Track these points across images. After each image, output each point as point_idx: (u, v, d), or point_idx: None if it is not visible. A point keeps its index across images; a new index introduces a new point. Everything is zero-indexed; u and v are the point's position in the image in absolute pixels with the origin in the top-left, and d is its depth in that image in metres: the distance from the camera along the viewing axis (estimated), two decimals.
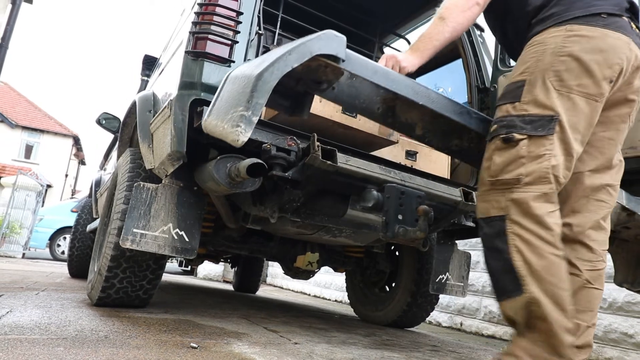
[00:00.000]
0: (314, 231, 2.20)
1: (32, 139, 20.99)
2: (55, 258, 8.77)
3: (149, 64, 3.60)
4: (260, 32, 1.90)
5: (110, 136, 4.09)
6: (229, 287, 5.61)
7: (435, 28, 1.42)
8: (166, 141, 1.66)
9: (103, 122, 3.80)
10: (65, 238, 8.87)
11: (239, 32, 1.78)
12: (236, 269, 5.10)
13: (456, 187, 1.96)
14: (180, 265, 8.76)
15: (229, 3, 1.78)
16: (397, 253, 3.05)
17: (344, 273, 3.50)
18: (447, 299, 4.04)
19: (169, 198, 1.82)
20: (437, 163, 2.48)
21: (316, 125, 1.95)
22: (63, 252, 8.72)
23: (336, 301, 5.54)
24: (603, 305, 2.89)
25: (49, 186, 16.50)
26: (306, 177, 1.62)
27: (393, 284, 3.06)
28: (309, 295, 6.25)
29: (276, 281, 7.30)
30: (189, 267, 8.26)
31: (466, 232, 2.60)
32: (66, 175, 22.01)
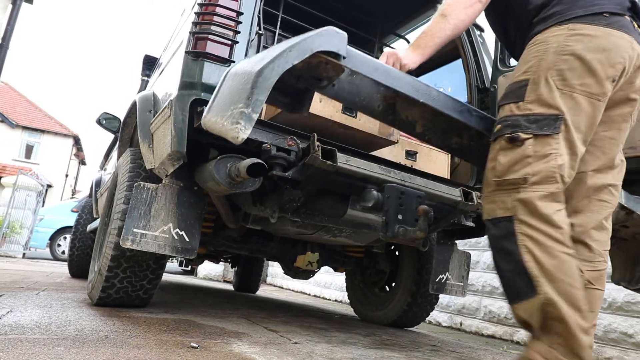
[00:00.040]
0: (314, 231, 2.20)
1: (33, 139, 21.01)
2: (55, 258, 8.77)
3: (149, 64, 3.60)
4: (260, 32, 1.90)
5: (110, 136, 4.09)
6: (229, 287, 5.61)
7: (436, 25, 1.41)
8: (166, 141, 1.66)
9: (103, 122, 3.80)
10: (65, 238, 8.86)
11: (239, 32, 1.78)
12: (236, 269, 5.10)
13: (456, 187, 1.96)
14: (180, 265, 8.75)
15: (229, 3, 1.78)
16: (397, 253, 3.05)
17: (344, 273, 3.50)
18: (447, 299, 4.04)
19: (169, 198, 1.83)
20: (437, 163, 2.48)
21: (316, 125, 1.95)
22: (63, 252, 8.71)
23: (336, 301, 5.54)
24: (603, 305, 2.89)
25: (50, 186, 16.50)
26: (306, 177, 1.62)
27: (393, 284, 3.06)
28: (309, 295, 6.25)
29: (276, 281, 7.30)
30: (189, 267, 8.24)
31: (466, 232, 2.60)
32: (66, 175, 22.02)
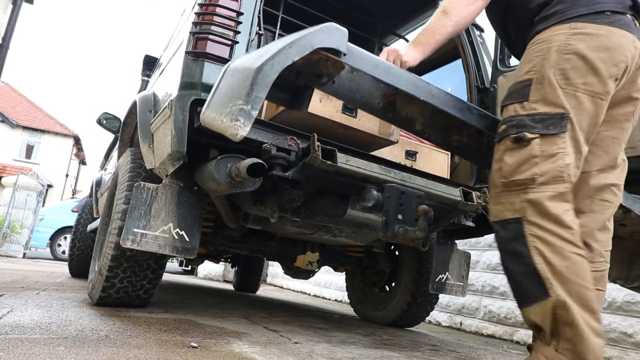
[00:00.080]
0: (314, 231, 2.20)
1: (33, 139, 21.01)
2: (55, 258, 8.78)
3: (150, 64, 3.60)
4: (260, 32, 1.90)
5: (110, 136, 4.09)
6: (229, 287, 5.62)
7: (437, 22, 1.40)
8: (167, 141, 1.66)
9: (104, 122, 3.80)
10: (65, 238, 8.87)
11: (239, 33, 1.78)
12: (236, 269, 5.10)
13: (456, 187, 1.96)
14: (180, 264, 8.75)
15: (229, 3, 1.78)
16: (397, 253, 3.05)
17: (344, 273, 3.50)
18: (447, 299, 4.04)
19: (170, 198, 1.83)
20: (437, 163, 2.48)
21: (316, 125, 1.95)
22: (64, 252, 8.71)
23: (336, 301, 5.54)
24: (602, 304, 2.89)
25: (50, 186, 16.50)
26: (306, 177, 1.63)
27: (393, 284, 3.06)
28: (309, 294, 6.25)
29: (276, 281, 7.30)
30: (190, 267, 8.25)
31: (466, 232, 2.61)
32: (67, 175, 22.03)
